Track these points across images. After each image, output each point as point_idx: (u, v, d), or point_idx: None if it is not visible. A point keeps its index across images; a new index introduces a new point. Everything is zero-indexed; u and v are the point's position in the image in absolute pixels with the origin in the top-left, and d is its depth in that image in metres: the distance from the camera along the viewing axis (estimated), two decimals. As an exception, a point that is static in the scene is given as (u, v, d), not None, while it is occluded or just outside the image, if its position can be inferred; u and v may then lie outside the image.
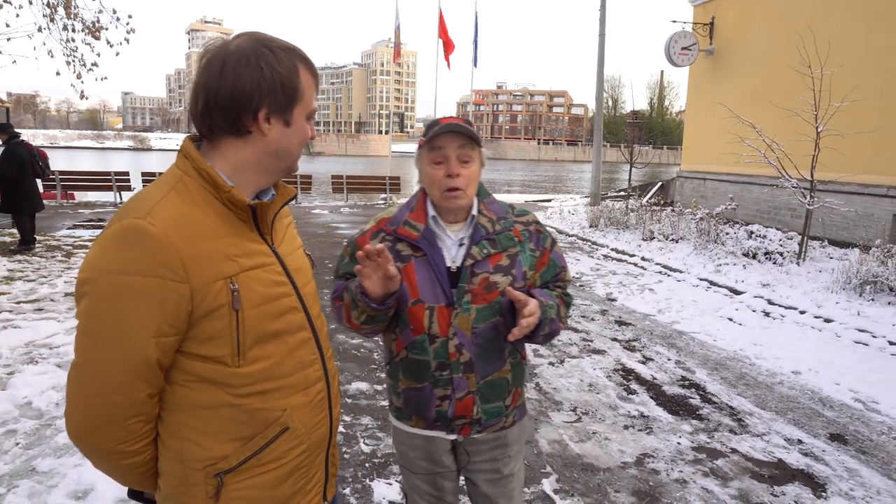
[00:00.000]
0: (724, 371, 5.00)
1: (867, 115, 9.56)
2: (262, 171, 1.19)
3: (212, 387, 1.12)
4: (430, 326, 1.65)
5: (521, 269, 1.71)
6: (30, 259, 8.20)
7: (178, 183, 1.12)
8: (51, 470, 3.09)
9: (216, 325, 1.09)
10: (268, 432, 1.17)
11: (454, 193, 1.64)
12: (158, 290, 1.03)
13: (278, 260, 1.22)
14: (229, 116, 1.12)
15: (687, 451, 3.61)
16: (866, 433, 3.95)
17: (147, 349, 1.05)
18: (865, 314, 6.35)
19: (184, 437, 1.14)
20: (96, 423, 1.08)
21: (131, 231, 1.03)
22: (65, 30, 9.31)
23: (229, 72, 1.10)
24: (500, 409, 1.74)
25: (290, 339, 1.20)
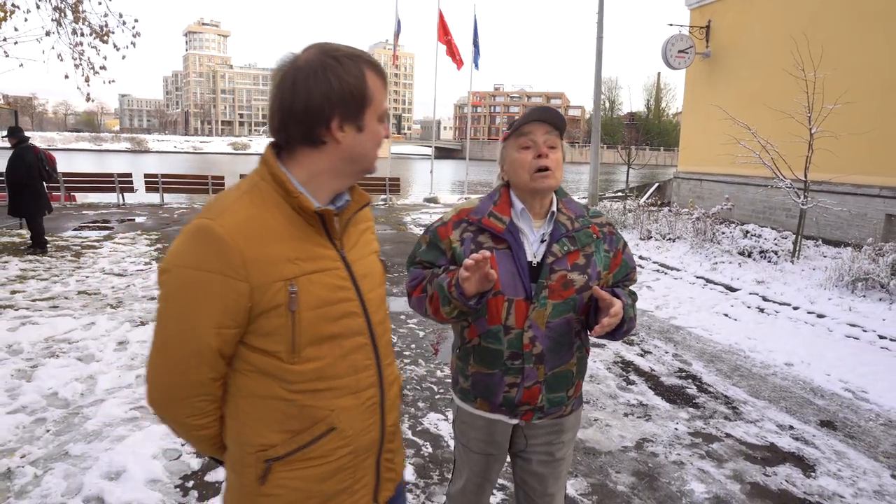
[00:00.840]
0: (719, 363, 5.19)
1: (860, 117, 9.77)
2: (338, 175, 1.24)
3: (267, 379, 1.19)
4: (507, 318, 1.71)
5: (595, 268, 1.77)
6: (40, 259, 8.36)
7: (252, 187, 1.19)
8: (83, 454, 3.26)
9: (273, 322, 1.15)
10: (315, 429, 1.22)
11: (544, 173, 1.69)
12: (220, 285, 1.10)
13: (345, 265, 1.25)
14: (304, 129, 1.18)
15: (684, 436, 3.80)
16: (855, 420, 4.14)
17: (208, 338, 1.13)
18: (857, 310, 6.55)
19: (241, 421, 1.22)
20: (169, 397, 1.19)
21: (202, 230, 1.12)
22: (74, 34, 9.48)
23: (300, 87, 1.15)
24: (563, 399, 1.82)
25: (345, 343, 1.24)
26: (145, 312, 5.98)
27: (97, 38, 9.87)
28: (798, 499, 3.13)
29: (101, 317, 5.74)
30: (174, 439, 3.46)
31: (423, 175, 20.86)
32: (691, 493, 3.15)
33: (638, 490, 3.17)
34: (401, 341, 5.38)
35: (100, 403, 3.89)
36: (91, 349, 4.86)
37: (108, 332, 5.32)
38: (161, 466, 3.15)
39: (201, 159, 71.54)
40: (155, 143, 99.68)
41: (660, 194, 17.76)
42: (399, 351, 5.13)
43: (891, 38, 9.98)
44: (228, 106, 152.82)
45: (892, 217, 10.26)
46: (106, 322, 5.57)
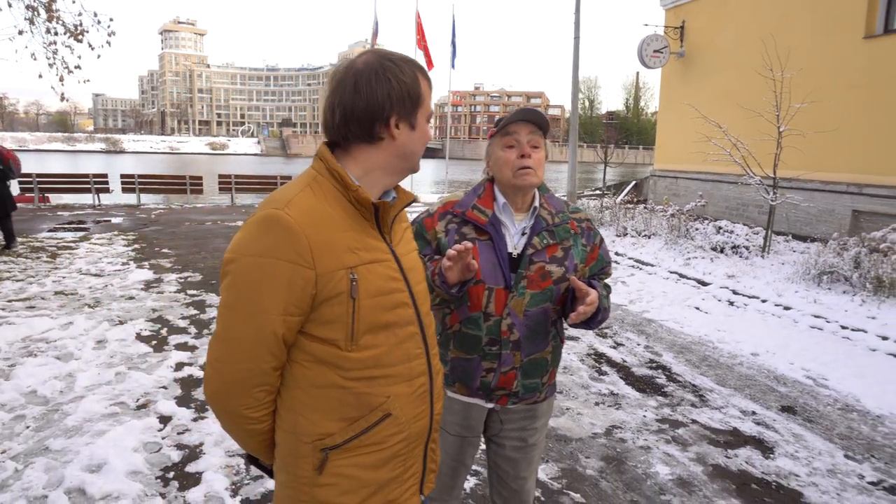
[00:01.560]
0: (688, 354, 5.37)
1: (827, 115, 10.06)
2: (391, 171, 1.32)
3: (325, 368, 1.23)
4: (486, 305, 1.80)
5: (573, 261, 1.86)
6: (15, 260, 8.29)
7: (312, 181, 1.25)
8: (63, 448, 3.31)
9: (335, 310, 1.19)
10: (371, 416, 1.25)
11: (526, 171, 1.79)
12: (289, 272, 1.15)
13: (395, 258, 1.31)
14: (364, 126, 1.25)
15: (651, 423, 3.95)
16: (814, 405, 4.33)
17: (275, 325, 1.17)
18: (821, 302, 6.78)
19: (297, 412, 1.25)
20: (228, 387, 1.22)
21: (271, 219, 1.16)
22: (48, 33, 9.40)
23: (363, 87, 1.23)
24: (537, 385, 1.90)
25: (399, 332, 1.29)
26: (124, 312, 5.99)
27: (71, 37, 9.79)
28: (756, 478, 3.29)
29: (79, 316, 5.74)
30: (155, 433, 3.52)
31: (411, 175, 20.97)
32: (656, 475, 3.29)
33: (606, 473, 3.30)
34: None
35: (79, 400, 3.92)
36: (69, 348, 4.88)
37: (86, 331, 5.33)
38: (142, 459, 3.21)
39: (178, 159, 70.75)
40: (131, 143, 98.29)
41: (637, 192, 18.04)
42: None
43: (856, 38, 10.29)
44: (206, 105, 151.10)
45: (858, 213, 10.58)
46: (84, 321, 5.57)
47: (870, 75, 10.03)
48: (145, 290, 6.90)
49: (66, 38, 9.78)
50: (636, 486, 3.19)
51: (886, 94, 9.73)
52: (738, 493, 3.13)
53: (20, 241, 9.75)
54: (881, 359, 5.26)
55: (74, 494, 2.89)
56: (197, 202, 18.53)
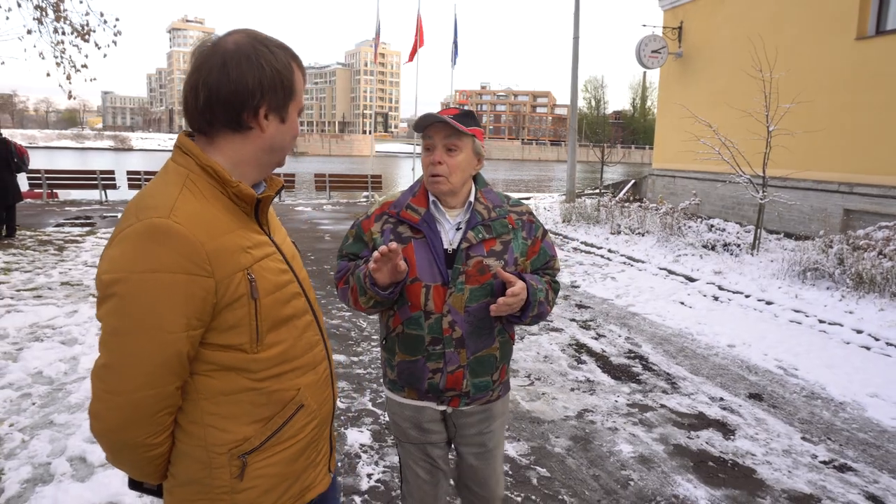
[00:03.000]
0: (667, 345, 5.57)
1: (818, 115, 10.23)
2: (258, 165, 1.25)
3: (232, 373, 1.18)
4: (426, 303, 1.78)
5: (512, 254, 1.84)
6: (23, 252, 8.57)
7: (186, 180, 1.15)
8: (66, 422, 3.56)
9: (237, 314, 1.14)
10: (285, 411, 1.24)
11: (435, 179, 1.78)
12: (185, 285, 1.07)
13: (278, 249, 1.29)
14: (230, 113, 1.16)
15: (622, 407, 4.16)
16: (781, 392, 4.53)
17: (179, 343, 1.09)
18: (802, 297, 6.97)
19: (206, 424, 1.19)
20: (127, 419, 1.11)
21: (158, 229, 1.06)
22: (55, 32, 9.67)
23: (232, 69, 1.14)
24: (488, 384, 1.88)
25: (298, 323, 1.28)
26: (126, 301, 6.24)
27: (78, 36, 10.05)
28: (714, 457, 3.50)
29: (84, 305, 6.00)
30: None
31: (409, 172, 21.32)
32: (619, 453, 3.50)
33: (573, 451, 3.52)
34: (370, 326, 5.70)
35: (82, 381, 4.17)
36: (74, 334, 5.13)
37: (90, 318, 5.58)
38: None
39: (186, 157, 70.97)
40: (139, 140, 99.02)
41: (635, 191, 18.21)
42: (368, 336, 5.45)
43: (848, 39, 10.44)
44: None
45: (849, 211, 10.73)
46: (88, 310, 5.83)
47: (861, 76, 10.18)
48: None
49: (74, 38, 10.06)
50: (599, 462, 3.40)
51: (877, 95, 9.87)
52: (694, 470, 3.34)
53: (28, 234, 10.06)
54: (853, 351, 5.45)
55: (76, 462, 3.13)
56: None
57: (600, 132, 26.22)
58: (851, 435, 3.86)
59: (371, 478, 3.15)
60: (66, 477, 2.99)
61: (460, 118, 1.79)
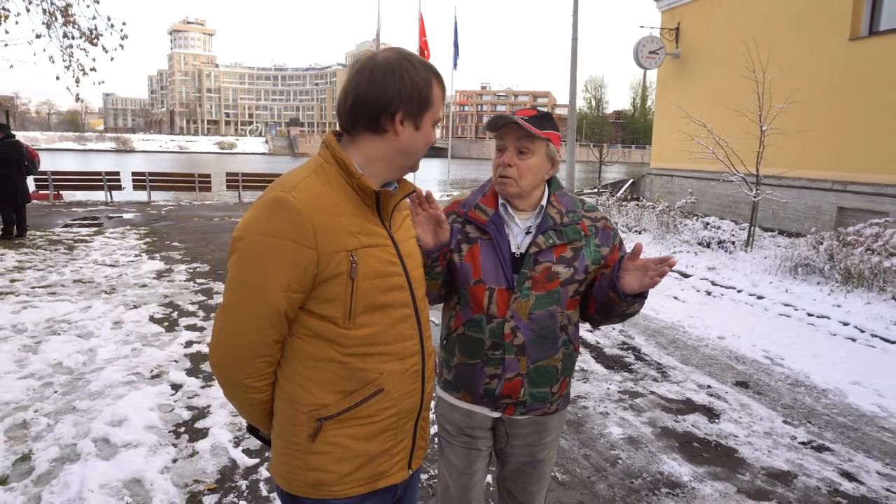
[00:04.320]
0: (659, 337, 5.78)
1: (812, 115, 10.43)
2: (391, 166, 1.39)
3: (323, 342, 1.31)
4: (488, 307, 1.74)
5: (583, 262, 1.77)
6: (35, 252, 8.80)
7: (318, 167, 1.33)
8: (88, 408, 3.77)
9: (335, 289, 1.27)
10: (365, 390, 1.33)
11: (503, 181, 1.75)
12: (293, 252, 1.22)
13: (393, 243, 1.38)
14: (371, 116, 1.32)
15: (614, 394, 4.37)
16: (766, 380, 4.74)
17: (278, 300, 1.25)
18: (793, 291, 7.17)
19: (295, 383, 1.33)
20: (233, 356, 1.30)
21: (278, 201, 1.24)
22: (65, 37, 9.90)
23: (377, 79, 1.31)
24: (546, 395, 1.80)
25: (394, 313, 1.36)
26: (138, 298, 6.46)
27: (86, 40, 10.29)
28: (699, 438, 3.71)
29: (97, 301, 6.21)
30: (167, 397, 3.98)
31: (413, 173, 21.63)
32: (609, 435, 3.71)
33: (566, 434, 3.73)
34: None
35: (100, 371, 4.39)
36: (89, 328, 5.35)
37: (104, 314, 5.80)
38: (157, 416, 3.67)
39: (188, 158, 71.53)
40: (140, 142, 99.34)
41: (634, 190, 18.41)
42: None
43: (841, 40, 10.63)
44: (214, 105, 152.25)
45: (842, 209, 10.92)
46: (101, 305, 6.05)
47: (854, 76, 10.37)
48: (157, 279, 7.37)
49: (82, 42, 10.29)
50: (590, 443, 3.61)
51: (869, 95, 10.07)
52: (679, 450, 3.55)
53: (38, 234, 10.29)
54: (838, 342, 5.66)
55: (100, 443, 3.35)
56: (205, 199, 19.07)
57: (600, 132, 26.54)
58: (831, 419, 4.07)
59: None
60: (91, 456, 3.20)
61: (536, 120, 1.75)
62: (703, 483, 3.19)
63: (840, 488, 3.19)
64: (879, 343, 5.58)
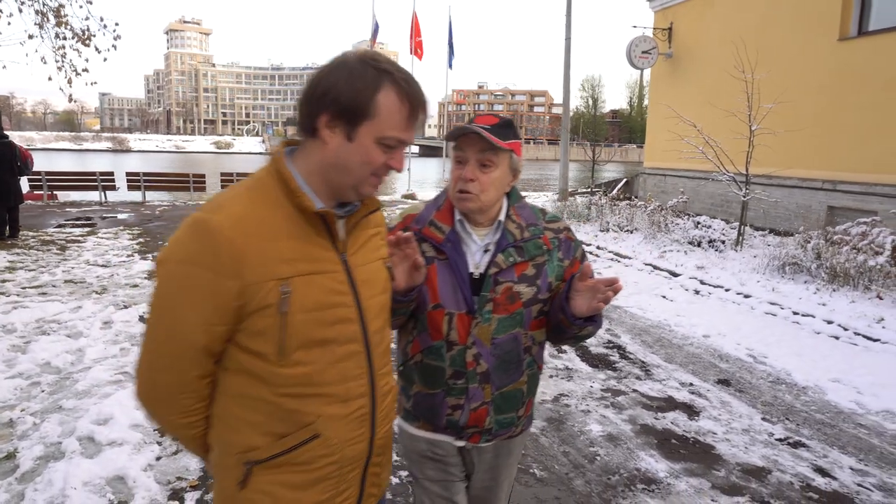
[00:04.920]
0: (645, 336, 5.84)
1: (801, 115, 10.51)
2: (327, 181, 1.21)
3: (254, 380, 1.17)
4: (448, 333, 1.62)
5: (546, 279, 1.66)
6: (27, 252, 8.82)
7: (256, 183, 1.19)
8: (75, 407, 3.82)
9: (265, 322, 1.13)
10: (299, 434, 1.19)
11: (463, 196, 1.60)
12: (211, 282, 1.10)
13: (345, 269, 1.23)
14: (303, 112, 1.19)
15: (596, 392, 4.43)
16: (748, 378, 4.80)
17: (195, 335, 1.13)
18: (779, 290, 7.23)
19: (225, 421, 1.22)
20: (153, 393, 1.21)
21: (197, 223, 1.12)
22: (56, 37, 9.92)
23: (323, 75, 1.17)
24: (513, 420, 1.72)
25: (337, 350, 1.21)
26: (128, 298, 6.50)
27: (79, 41, 10.31)
28: (677, 435, 3.77)
29: (87, 301, 6.25)
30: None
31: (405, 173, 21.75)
32: (589, 432, 3.77)
33: (546, 431, 3.78)
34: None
35: (88, 370, 4.43)
36: (79, 328, 5.39)
37: (94, 314, 5.84)
38: (143, 415, 3.70)
39: (184, 158, 71.42)
40: (137, 142, 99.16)
41: (628, 189, 18.48)
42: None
43: (831, 40, 10.70)
44: (211, 104, 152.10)
45: (833, 209, 10.99)
46: (92, 306, 6.09)
47: (844, 76, 10.44)
48: (149, 279, 7.41)
49: (74, 42, 10.31)
50: (570, 440, 3.67)
51: (858, 94, 10.14)
52: (657, 447, 3.61)
53: (31, 234, 10.32)
54: (822, 340, 5.72)
55: (85, 441, 3.39)
56: (200, 199, 19.08)
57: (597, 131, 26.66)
58: (809, 416, 4.13)
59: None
60: (75, 454, 3.25)
61: (498, 129, 1.59)
62: (679, 479, 3.25)
63: (813, 483, 3.25)
64: (862, 341, 5.64)
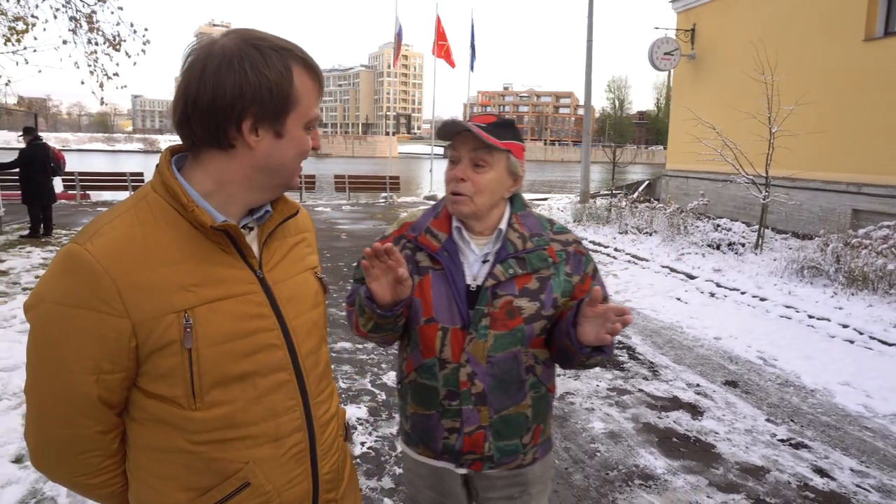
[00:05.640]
0: (656, 337, 5.87)
1: (826, 117, 10.39)
2: (252, 187, 1.06)
3: (166, 428, 1.02)
4: (441, 350, 1.50)
5: (551, 294, 1.52)
6: (59, 249, 9.17)
7: (140, 201, 1.03)
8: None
9: (168, 362, 0.98)
10: (225, 486, 1.04)
11: (455, 198, 1.50)
12: (95, 324, 0.94)
13: (262, 288, 1.08)
14: (210, 127, 0.99)
15: (602, 391, 4.49)
16: (756, 380, 4.81)
17: (85, 386, 0.97)
18: (795, 294, 7.18)
19: (139, 479, 1.07)
20: (50, 457, 1.04)
21: (70, 257, 0.95)
22: (89, 43, 10.30)
23: (209, 76, 0.97)
24: (517, 448, 1.57)
25: (260, 382, 1.06)
26: (153, 294, 6.74)
27: (110, 46, 10.68)
28: (679, 434, 3.82)
29: (114, 297, 6.51)
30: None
31: (427, 174, 22.02)
32: (591, 429, 3.84)
33: (550, 427, 3.86)
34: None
35: (113, 362, 4.64)
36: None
37: (120, 309, 6.08)
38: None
39: (212, 159, 72.59)
40: (167, 143, 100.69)
41: (650, 191, 18.37)
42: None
43: (856, 41, 10.55)
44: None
45: (857, 212, 10.83)
46: (118, 301, 6.34)
47: (869, 77, 10.29)
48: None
49: (105, 48, 10.69)
50: (572, 437, 3.75)
51: (885, 96, 9.98)
52: (658, 445, 3.67)
53: (64, 233, 10.71)
54: (835, 344, 5.69)
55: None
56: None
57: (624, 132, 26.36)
58: (815, 418, 4.14)
59: (364, 445, 3.55)
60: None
61: (494, 128, 1.48)
62: (676, 476, 3.31)
63: (810, 483, 3.28)
64: (877, 345, 5.59)
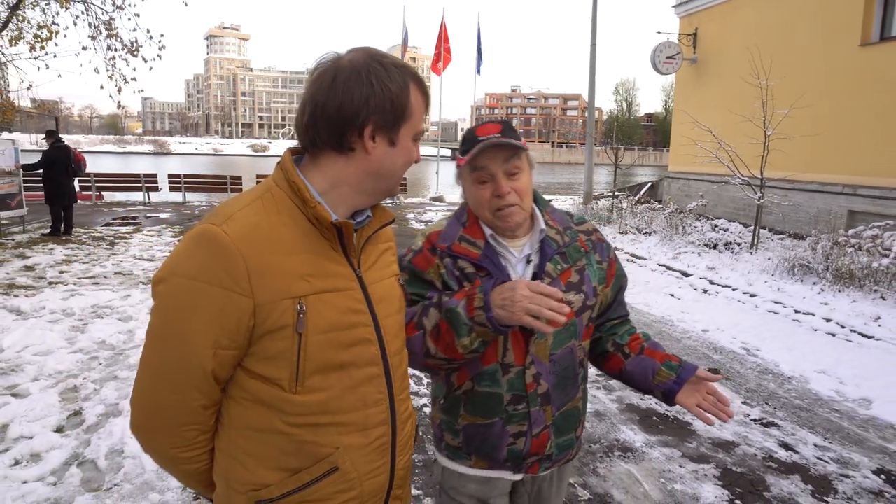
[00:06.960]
0: (647, 330, 6.17)
1: (822, 120, 10.65)
2: (361, 190, 1.15)
3: (265, 409, 1.08)
4: (504, 355, 1.49)
5: (590, 284, 1.57)
6: (80, 247, 9.60)
7: (265, 193, 1.10)
8: (128, 377, 4.40)
9: (278, 345, 1.05)
10: (315, 469, 1.10)
11: (507, 211, 1.47)
12: (221, 300, 1.01)
13: (360, 286, 1.15)
14: (334, 131, 1.09)
15: (591, 376, 4.79)
16: (738, 368, 5.12)
17: (203, 358, 1.03)
18: (784, 290, 7.48)
19: (232, 456, 1.12)
20: (153, 424, 1.10)
21: (205, 236, 1.02)
22: (108, 49, 10.74)
23: (339, 85, 1.07)
24: (571, 442, 1.62)
25: (355, 373, 1.12)
26: (171, 288, 7.13)
27: (128, 52, 11.11)
28: (659, 413, 4.15)
29: (135, 290, 6.90)
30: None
31: (438, 175, 22.42)
32: (578, 409, 4.17)
33: (540, 407, 4.20)
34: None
35: (138, 347, 5.02)
36: (129, 313, 6.02)
37: (141, 301, 6.47)
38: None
39: (222, 161, 73.51)
40: (177, 145, 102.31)
41: (652, 193, 18.66)
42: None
43: (851, 44, 10.82)
44: (248, 108, 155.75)
45: (853, 213, 11.09)
46: (139, 294, 6.73)
47: (865, 81, 10.54)
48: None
49: (123, 53, 11.12)
50: (560, 415, 4.08)
51: (880, 99, 10.24)
52: (638, 422, 4.00)
53: (83, 231, 11.15)
54: (817, 337, 5.99)
55: (137, 404, 3.95)
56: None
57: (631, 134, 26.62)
58: (788, 401, 4.45)
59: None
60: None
61: (508, 132, 1.49)
62: (653, 448, 3.64)
63: (775, 455, 3.60)
64: (857, 338, 5.89)
